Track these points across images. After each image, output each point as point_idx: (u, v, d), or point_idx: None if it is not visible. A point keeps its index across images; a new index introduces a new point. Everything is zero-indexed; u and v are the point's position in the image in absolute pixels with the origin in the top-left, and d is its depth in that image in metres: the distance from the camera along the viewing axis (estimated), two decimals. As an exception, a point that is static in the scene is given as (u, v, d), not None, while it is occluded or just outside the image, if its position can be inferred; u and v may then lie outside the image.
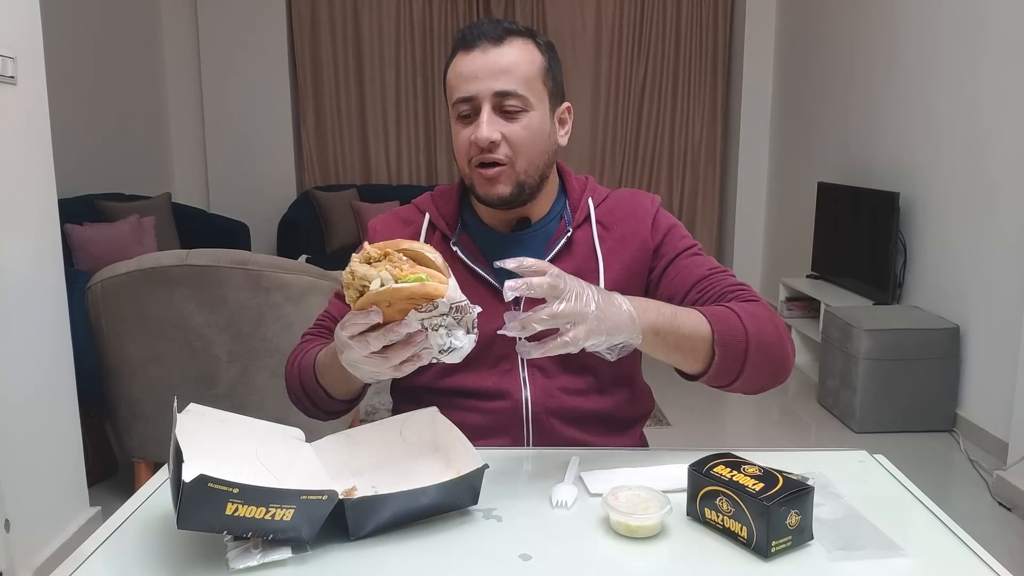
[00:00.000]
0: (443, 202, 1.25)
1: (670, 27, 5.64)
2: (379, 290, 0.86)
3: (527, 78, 1.11)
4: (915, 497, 0.99)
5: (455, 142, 1.16)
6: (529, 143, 1.12)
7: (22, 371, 2.00)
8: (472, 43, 1.11)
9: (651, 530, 0.86)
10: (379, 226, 1.27)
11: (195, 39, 5.42)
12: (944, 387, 3.25)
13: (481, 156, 1.11)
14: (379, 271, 0.87)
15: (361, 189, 5.49)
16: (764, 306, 1.10)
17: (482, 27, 1.12)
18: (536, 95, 1.12)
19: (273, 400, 2.23)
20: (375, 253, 0.89)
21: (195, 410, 0.92)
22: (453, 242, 1.20)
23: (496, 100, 1.10)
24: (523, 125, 1.11)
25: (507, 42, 1.11)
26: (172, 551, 0.84)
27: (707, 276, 1.16)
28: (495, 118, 1.10)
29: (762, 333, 1.04)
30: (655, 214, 1.23)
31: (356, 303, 0.88)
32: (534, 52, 1.13)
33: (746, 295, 1.12)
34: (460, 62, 1.12)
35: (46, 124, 2.12)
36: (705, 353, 1.03)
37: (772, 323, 1.07)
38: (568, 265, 1.17)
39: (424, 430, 1.04)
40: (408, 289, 0.86)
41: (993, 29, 3.09)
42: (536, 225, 1.22)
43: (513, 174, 1.13)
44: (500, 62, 1.10)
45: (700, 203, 5.86)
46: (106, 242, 3.69)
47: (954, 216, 3.34)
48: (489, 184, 1.13)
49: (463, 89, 1.11)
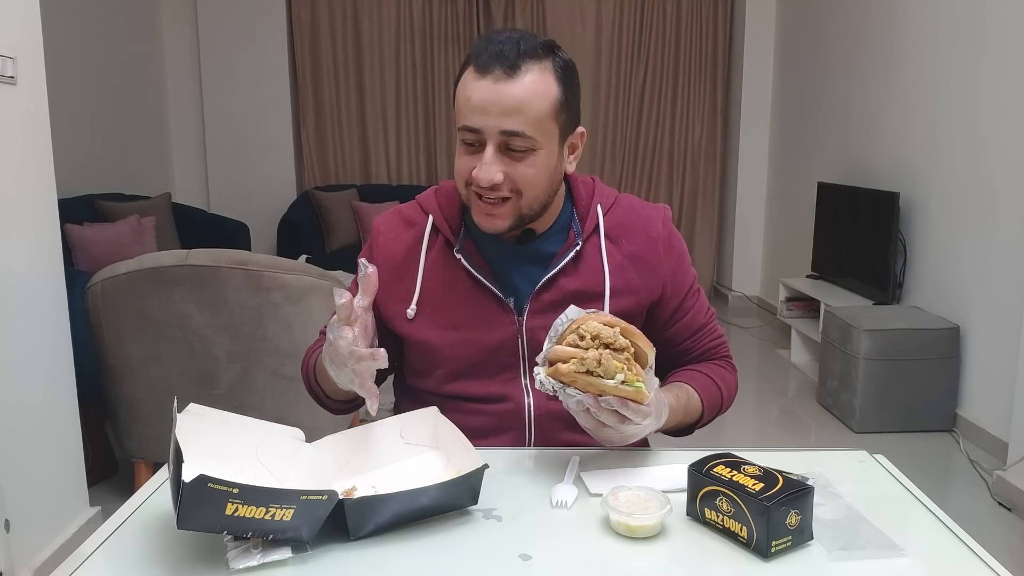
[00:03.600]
0: (447, 203, 1.21)
1: (670, 27, 5.64)
2: (605, 384, 0.92)
3: (538, 117, 1.05)
4: (915, 497, 0.99)
5: (456, 163, 1.12)
6: (533, 182, 1.08)
7: (22, 371, 2.00)
8: (486, 68, 1.04)
9: (651, 530, 0.86)
10: (383, 227, 1.24)
11: (195, 39, 5.42)
12: (944, 387, 3.25)
13: (482, 191, 1.08)
14: (620, 368, 0.93)
15: (361, 189, 5.49)
16: (733, 368, 1.29)
17: (500, 47, 1.04)
18: (546, 134, 1.07)
19: (273, 400, 2.23)
20: (622, 343, 0.94)
21: (195, 410, 0.92)
22: (456, 249, 1.17)
23: (502, 139, 1.05)
24: (528, 164, 1.07)
25: (522, 71, 1.04)
26: (172, 551, 0.84)
27: (703, 327, 1.26)
28: (499, 157, 1.06)
29: (729, 404, 1.25)
30: (668, 237, 1.21)
31: (580, 380, 0.93)
32: (550, 83, 1.06)
33: (723, 351, 1.28)
34: (471, 85, 1.05)
35: (46, 124, 2.12)
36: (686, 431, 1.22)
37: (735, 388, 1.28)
38: (575, 280, 1.16)
39: (424, 430, 1.04)
40: (625, 392, 0.93)
41: (993, 30, 3.09)
42: (542, 236, 1.18)
43: (515, 209, 1.10)
44: (511, 97, 1.03)
45: (700, 203, 5.86)
46: (106, 242, 3.69)
47: (954, 216, 3.34)
48: (486, 217, 1.10)
49: (470, 119, 1.05)
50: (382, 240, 1.23)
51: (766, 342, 4.70)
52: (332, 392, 1.17)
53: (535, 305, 1.15)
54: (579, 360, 0.92)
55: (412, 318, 1.17)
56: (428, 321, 1.16)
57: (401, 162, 5.76)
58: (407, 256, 1.20)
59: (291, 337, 2.18)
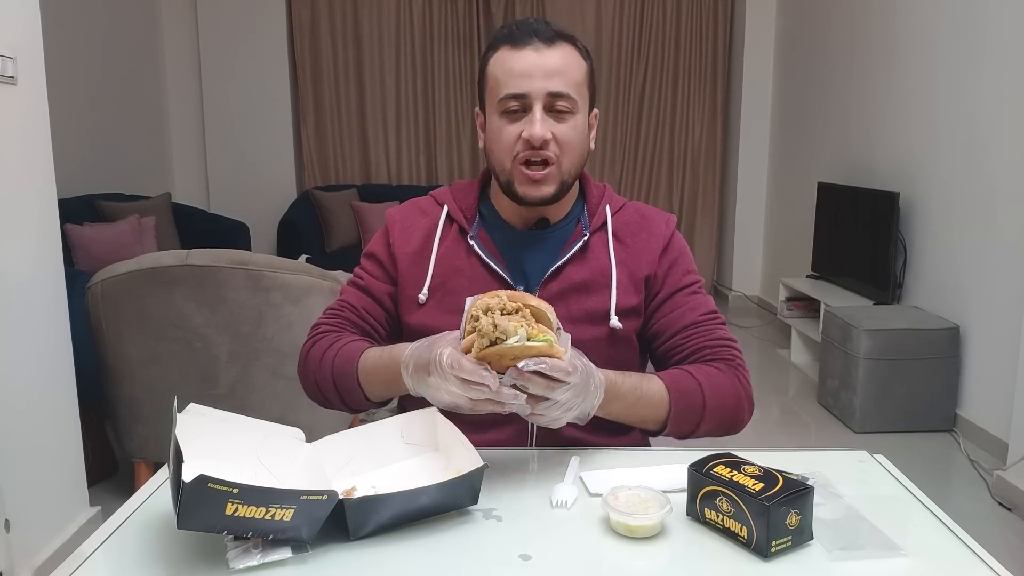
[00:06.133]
0: (462, 196, 1.25)
1: (670, 27, 5.64)
2: (511, 345, 0.88)
3: (576, 81, 1.13)
4: (915, 497, 0.99)
5: (498, 137, 1.15)
6: (575, 144, 1.14)
7: (22, 371, 2.00)
8: (523, 40, 1.12)
9: (651, 530, 0.86)
10: (397, 216, 1.27)
11: (195, 39, 5.42)
12: (944, 387, 3.25)
13: (531, 153, 1.12)
14: (517, 327, 0.88)
15: (361, 189, 5.49)
16: (736, 371, 1.16)
17: (532, 26, 1.14)
18: (582, 98, 1.15)
19: (273, 400, 2.23)
20: (511, 306, 0.91)
21: (195, 410, 0.92)
22: (470, 236, 1.20)
23: (548, 100, 1.11)
24: (571, 126, 1.13)
25: (557, 44, 1.13)
26: (172, 551, 0.84)
27: (697, 323, 1.18)
28: (546, 117, 1.11)
29: (721, 407, 1.12)
30: (670, 238, 1.24)
31: (483, 350, 0.89)
32: (579, 57, 1.16)
33: (724, 353, 1.16)
34: (509, 57, 1.13)
35: (46, 124, 2.12)
36: (658, 422, 1.11)
37: (733, 393, 1.14)
38: (582, 271, 1.18)
39: (424, 430, 1.04)
40: (538, 348, 0.89)
41: (992, 30, 3.09)
42: (554, 226, 1.23)
43: (559, 175, 1.14)
44: (553, 63, 1.12)
45: (700, 203, 5.86)
46: (106, 242, 3.69)
47: (954, 216, 3.34)
48: (534, 185, 1.14)
49: (514, 85, 1.11)
50: (397, 228, 1.25)
51: (766, 342, 4.70)
52: (376, 396, 1.14)
53: (543, 293, 1.17)
54: (478, 334, 0.89)
55: (424, 303, 1.18)
56: (438, 307, 1.18)
57: (401, 162, 5.76)
58: (422, 243, 1.22)
59: (291, 337, 2.18)
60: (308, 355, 1.19)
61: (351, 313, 1.23)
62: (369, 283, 1.24)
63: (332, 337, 1.18)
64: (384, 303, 1.24)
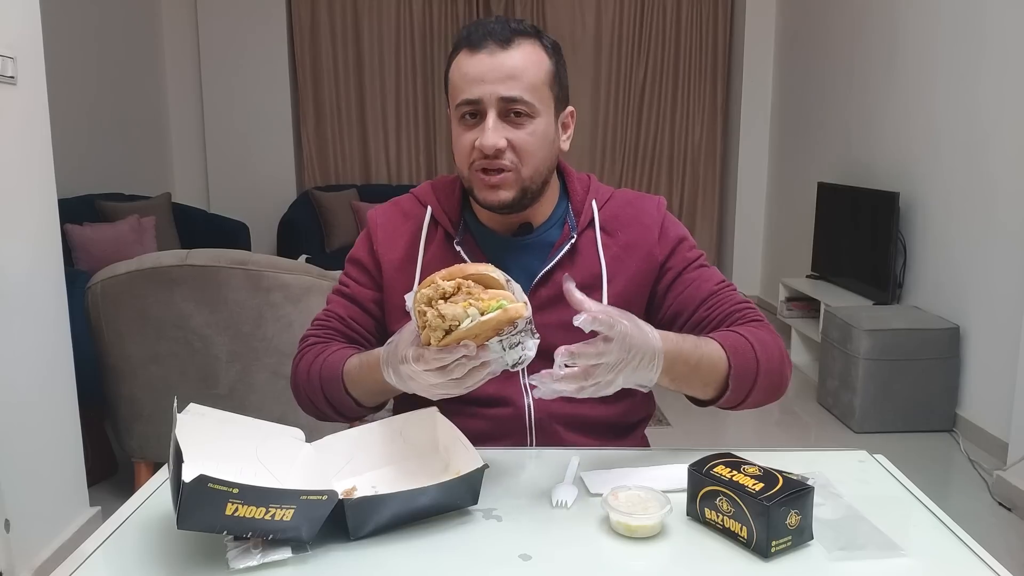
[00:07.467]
0: (445, 195, 1.21)
1: (670, 27, 5.64)
2: (469, 327, 0.85)
3: (534, 84, 1.08)
4: (915, 497, 0.99)
5: (456, 144, 1.12)
6: (535, 150, 1.09)
7: (22, 371, 2.00)
8: (478, 43, 1.07)
9: (651, 530, 0.86)
10: (379, 219, 1.24)
11: (195, 39, 5.42)
12: (944, 387, 3.25)
13: (485, 162, 1.08)
14: (466, 307, 0.86)
15: (361, 189, 5.49)
16: (770, 330, 1.13)
17: (488, 26, 1.08)
18: (542, 101, 1.09)
19: (273, 400, 2.23)
20: (450, 287, 0.87)
21: (195, 410, 0.92)
22: (456, 241, 1.18)
23: (502, 105, 1.06)
24: (529, 132, 1.08)
25: (515, 44, 1.07)
26: (172, 551, 0.84)
27: (715, 292, 1.16)
28: (500, 124, 1.07)
29: (770, 362, 1.08)
30: (662, 222, 1.21)
31: (442, 341, 0.86)
32: (541, 56, 1.10)
33: (752, 315, 1.15)
34: (465, 62, 1.08)
35: (46, 124, 2.12)
36: (718, 386, 1.06)
37: (778, 349, 1.11)
38: (572, 274, 1.14)
39: (424, 430, 1.04)
40: (495, 319, 0.86)
41: (993, 30, 3.09)
42: (538, 230, 1.19)
43: (518, 180, 1.10)
44: (507, 66, 1.06)
45: (700, 203, 5.86)
46: (106, 242, 3.70)
47: (954, 216, 3.34)
48: (491, 190, 1.10)
49: (467, 91, 1.07)
50: (380, 233, 1.22)
51: (766, 342, 4.69)
52: (368, 401, 1.13)
53: (533, 301, 1.15)
54: (428, 331, 0.87)
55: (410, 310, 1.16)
56: None
57: (401, 162, 5.76)
58: (407, 250, 1.20)
59: (291, 337, 2.18)
60: (297, 369, 1.18)
61: (338, 323, 1.21)
62: (355, 291, 1.22)
63: (319, 349, 1.17)
64: (371, 310, 1.21)
